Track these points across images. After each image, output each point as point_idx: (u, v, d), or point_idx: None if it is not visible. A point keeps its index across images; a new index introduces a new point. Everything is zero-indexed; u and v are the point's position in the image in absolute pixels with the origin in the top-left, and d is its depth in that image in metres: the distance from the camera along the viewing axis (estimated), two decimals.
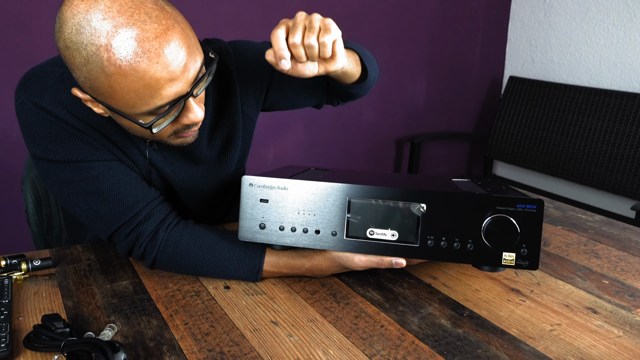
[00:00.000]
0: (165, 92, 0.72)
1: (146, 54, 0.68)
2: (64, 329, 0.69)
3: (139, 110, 0.74)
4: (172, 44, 0.70)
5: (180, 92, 0.74)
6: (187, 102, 0.77)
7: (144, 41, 0.68)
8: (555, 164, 2.84)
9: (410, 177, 1.07)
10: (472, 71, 3.22)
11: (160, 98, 0.72)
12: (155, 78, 0.70)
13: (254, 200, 0.83)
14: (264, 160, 2.70)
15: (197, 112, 0.78)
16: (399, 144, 3.10)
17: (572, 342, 0.73)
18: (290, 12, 2.55)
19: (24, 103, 0.84)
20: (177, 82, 0.72)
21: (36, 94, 0.84)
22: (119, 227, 0.87)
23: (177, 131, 0.82)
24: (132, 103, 0.72)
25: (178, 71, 0.72)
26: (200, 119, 0.79)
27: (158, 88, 0.71)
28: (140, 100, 0.72)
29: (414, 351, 0.71)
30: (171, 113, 0.77)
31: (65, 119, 0.84)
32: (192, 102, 0.77)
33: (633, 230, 1.16)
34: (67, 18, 0.69)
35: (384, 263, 0.82)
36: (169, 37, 0.70)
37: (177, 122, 0.79)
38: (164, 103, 0.73)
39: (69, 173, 0.86)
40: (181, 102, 0.75)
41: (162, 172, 0.96)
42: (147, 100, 0.72)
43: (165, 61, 0.70)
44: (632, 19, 2.62)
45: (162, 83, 0.71)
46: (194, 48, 0.74)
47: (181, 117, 0.78)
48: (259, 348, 0.71)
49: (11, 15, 1.99)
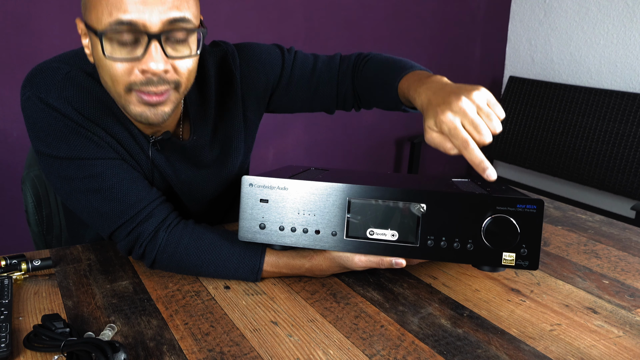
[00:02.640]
0: (130, 8, 0.73)
1: None
2: (64, 329, 0.69)
3: (102, 23, 0.74)
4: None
5: (148, 24, 0.74)
6: (150, 44, 0.75)
7: None
8: (555, 164, 2.84)
9: (410, 177, 1.07)
10: (472, 71, 3.22)
11: (123, 11, 0.73)
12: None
13: (254, 200, 0.83)
14: (264, 160, 2.70)
15: (157, 60, 0.75)
16: (399, 144, 3.10)
17: (572, 342, 0.73)
18: (290, 12, 2.56)
19: (30, 98, 0.84)
20: (148, 8, 0.73)
21: (42, 90, 0.84)
22: (119, 225, 0.87)
23: (132, 84, 0.79)
24: (100, 11, 0.74)
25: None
26: (155, 70, 0.76)
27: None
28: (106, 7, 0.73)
29: (414, 351, 0.71)
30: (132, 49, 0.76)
31: (70, 116, 0.84)
32: (155, 47, 0.76)
33: (633, 230, 1.16)
34: None
35: (384, 263, 0.82)
36: None
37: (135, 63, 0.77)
38: (125, 20, 0.73)
39: (72, 170, 0.86)
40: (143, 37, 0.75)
41: (164, 173, 0.96)
42: (110, 9, 0.73)
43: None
44: (632, 19, 2.62)
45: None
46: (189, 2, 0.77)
47: (140, 62, 0.76)
48: (259, 348, 0.71)
49: (11, 15, 1.99)
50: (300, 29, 2.61)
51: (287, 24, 2.56)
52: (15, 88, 2.02)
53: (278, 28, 2.55)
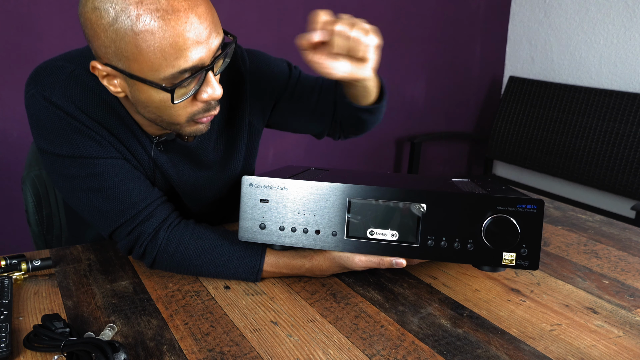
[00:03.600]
0: (191, 55, 0.73)
1: (176, 13, 0.71)
2: (64, 329, 0.69)
3: (162, 74, 0.74)
4: (200, 9, 0.74)
5: (204, 59, 0.75)
6: (208, 75, 0.78)
7: (174, 1, 0.71)
8: (555, 164, 2.84)
9: (410, 177, 1.07)
10: (472, 71, 3.22)
11: (185, 60, 0.73)
12: (184, 37, 0.72)
13: (254, 200, 0.83)
14: (264, 160, 2.70)
15: (217, 88, 0.79)
16: (399, 144, 3.10)
17: (572, 342, 0.73)
18: (290, 12, 2.56)
19: (34, 96, 0.85)
20: (201, 47, 0.74)
21: (46, 88, 0.84)
22: (120, 225, 0.87)
23: (194, 114, 0.82)
24: (157, 64, 0.73)
25: (204, 35, 0.74)
26: (219, 95, 0.80)
27: (185, 49, 0.73)
28: (165, 61, 0.73)
29: (414, 351, 0.71)
30: (192, 84, 0.78)
31: (73, 115, 0.84)
32: (212, 76, 0.78)
33: (633, 230, 1.16)
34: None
35: (384, 263, 0.82)
36: (197, 2, 0.73)
37: (196, 99, 0.80)
38: (188, 67, 0.74)
39: (74, 168, 0.86)
40: (202, 73, 0.77)
41: (166, 174, 0.96)
42: (172, 62, 0.73)
43: (194, 22, 0.72)
44: (632, 19, 2.62)
45: (189, 44, 0.73)
46: (217, 22, 0.77)
47: (200, 92, 0.79)
48: (259, 348, 0.71)
49: (11, 15, 1.99)
50: (300, 29, 2.61)
51: (287, 24, 2.56)
52: (15, 88, 2.02)
53: (278, 28, 2.55)
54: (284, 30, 2.56)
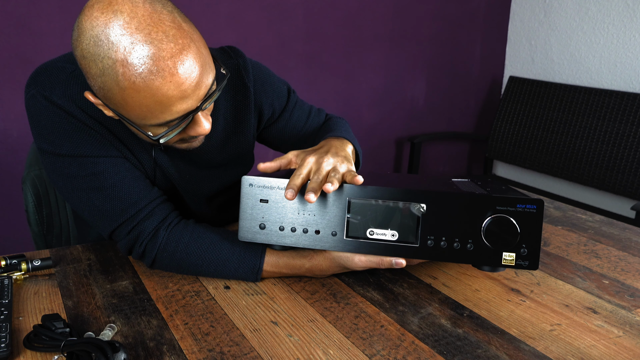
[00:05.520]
0: (176, 109, 0.74)
1: (160, 73, 0.70)
2: (64, 329, 0.69)
3: (148, 123, 0.76)
4: (186, 64, 0.72)
5: (190, 108, 0.76)
6: (196, 116, 0.79)
7: (159, 60, 0.70)
8: (555, 164, 2.84)
9: (410, 177, 1.07)
10: (472, 71, 3.22)
11: (170, 114, 0.75)
12: (167, 96, 0.72)
13: (254, 200, 0.83)
14: (264, 160, 2.69)
15: (205, 125, 0.80)
16: (399, 144, 3.10)
17: (572, 342, 0.73)
18: (290, 12, 2.56)
19: (34, 96, 0.85)
20: (187, 100, 0.74)
21: (47, 88, 0.84)
22: (120, 224, 0.87)
23: (184, 141, 0.85)
24: (143, 116, 0.75)
25: (190, 90, 0.74)
26: (207, 130, 0.81)
27: (169, 105, 0.73)
28: (151, 114, 0.74)
29: (414, 351, 0.71)
30: (180, 126, 0.78)
31: (74, 114, 0.85)
32: (201, 116, 0.79)
33: (633, 230, 1.16)
34: (86, 29, 0.70)
35: (384, 263, 0.82)
36: (183, 57, 0.71)
37: (185, 132, 0.81)
38: (174, 118, 0.76)
39: (75, 168, 0.86)
40: (190, 116, 0.77)
41: (166, 173, 0.96)
42: (158, 115, 0.74)
43: (178, 80, 0.72)
44: (632, 19, 2.62)
45: (174, 101, 0.73)
46: (207, 66, 0.76)
47: (189, 129, 0.81)
48: (259, 348, 0.71)
49: (11, 15, 1.99)
50: (300, 29, 2.61)
51: (287, 24, 2.56)
52: (15, 88, 2.02)
53: (278, 28, 2.55)
54: (284, 30, 2.56)
